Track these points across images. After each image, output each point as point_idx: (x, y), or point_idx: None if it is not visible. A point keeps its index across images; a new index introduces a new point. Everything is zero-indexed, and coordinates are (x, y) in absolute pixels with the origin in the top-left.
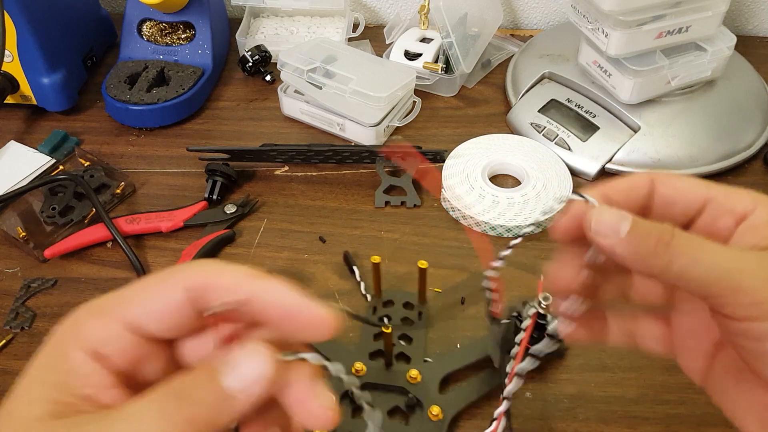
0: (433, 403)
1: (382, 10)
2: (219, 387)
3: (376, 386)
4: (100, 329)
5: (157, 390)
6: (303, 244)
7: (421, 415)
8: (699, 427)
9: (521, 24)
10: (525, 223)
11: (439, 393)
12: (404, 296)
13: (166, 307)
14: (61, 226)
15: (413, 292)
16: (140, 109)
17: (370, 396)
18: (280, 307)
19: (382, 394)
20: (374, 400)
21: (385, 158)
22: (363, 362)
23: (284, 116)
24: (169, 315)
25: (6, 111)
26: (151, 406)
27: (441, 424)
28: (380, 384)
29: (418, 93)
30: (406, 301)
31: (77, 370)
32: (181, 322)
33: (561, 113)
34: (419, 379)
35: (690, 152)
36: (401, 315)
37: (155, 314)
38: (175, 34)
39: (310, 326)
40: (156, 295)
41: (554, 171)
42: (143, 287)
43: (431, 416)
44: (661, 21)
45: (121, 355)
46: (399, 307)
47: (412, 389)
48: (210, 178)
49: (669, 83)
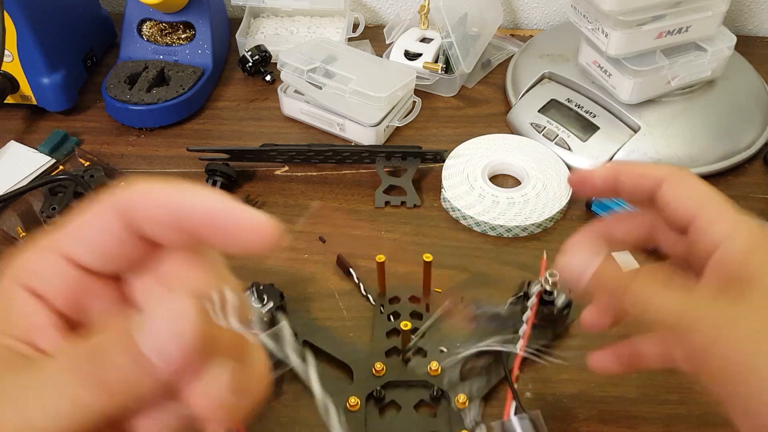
0: (458, 391)
1: (382, 10)
2: (135, 349)
3: (399, 383)
4: (39, 263)
5: (77, 345)
6: (303, 244)
7: (447, 405)
8: (699, 427)
9: (521, 24)
10: (525, 223)
11: (461, 381)
12: (409, 290)
13: (100, 234)
14: None
15: (418, 286)
16: (140, 109)
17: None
18: (210, 214)
19: (406, 391)
20: (398, 397)
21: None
22: (381, 362)
23: (284, 116)
24: (105, 243)
25: (6, 111)
26: (67, 363)
27: (468, 410)
28: (402, 381)
29: (418, 93)
30: (411, 295)
31: (18, 309)
32: (120, 251)
33: (561, 113)
34: (440, 371)
35: (690, 152)
36: (409, 310)
37: (91, 243)
38: (175, 34)
39: (245, 233)
40: (89, 222)
41: (554, 171)
42: (77, 217)
43: (458, 404)
44: (661, 21)
45: (62, 292)
46: (405, 301)
47: (434, 381)
48: (210, 178)
49: (669, 83)
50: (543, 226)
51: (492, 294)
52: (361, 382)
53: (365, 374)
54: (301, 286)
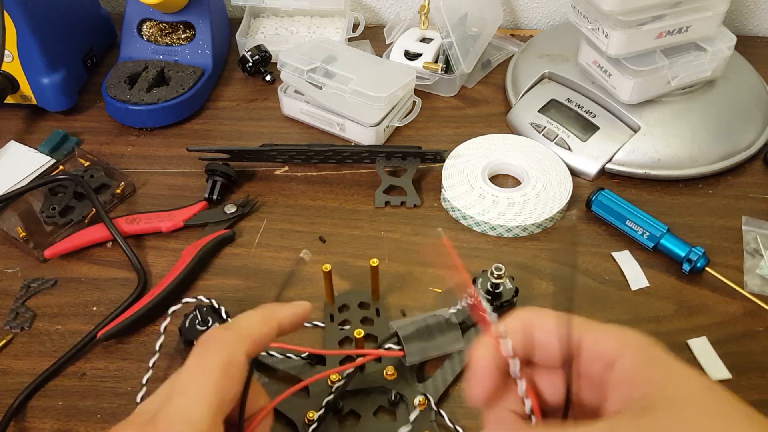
0: (416, 393)
1: (382, 10)
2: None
3: (356, 391)
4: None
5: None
6: (303, 244)
7: (406, 408)
8: None
9: (521, 24)
10: (525, 223)
11: (418, 382)
12: (357, 297)
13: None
14: (61, 226)
15: (366, 292)
16: (140, 109)
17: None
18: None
19: (364, 398)
20: (357, 405)
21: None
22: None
23: (284, 116)
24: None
25: (6, 111)
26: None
27: (428, 410)
28: (360, 388)
29: (418, 93)
30: (360, 302)
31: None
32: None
33: (561, 113)
34: (396, 374)
35: (690, 152)
36: (359, 316)
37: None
38: (175, 34)
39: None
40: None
41: (554, 171)
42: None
43: (417, 406)
44: (661, 21)
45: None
46: (355, 308)
47: (391, 385)
48: (210, 178)
49: (669, 83)
50: (543, 226)
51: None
52: (317, 395)
53: (321, 386)
54: (301, 287)
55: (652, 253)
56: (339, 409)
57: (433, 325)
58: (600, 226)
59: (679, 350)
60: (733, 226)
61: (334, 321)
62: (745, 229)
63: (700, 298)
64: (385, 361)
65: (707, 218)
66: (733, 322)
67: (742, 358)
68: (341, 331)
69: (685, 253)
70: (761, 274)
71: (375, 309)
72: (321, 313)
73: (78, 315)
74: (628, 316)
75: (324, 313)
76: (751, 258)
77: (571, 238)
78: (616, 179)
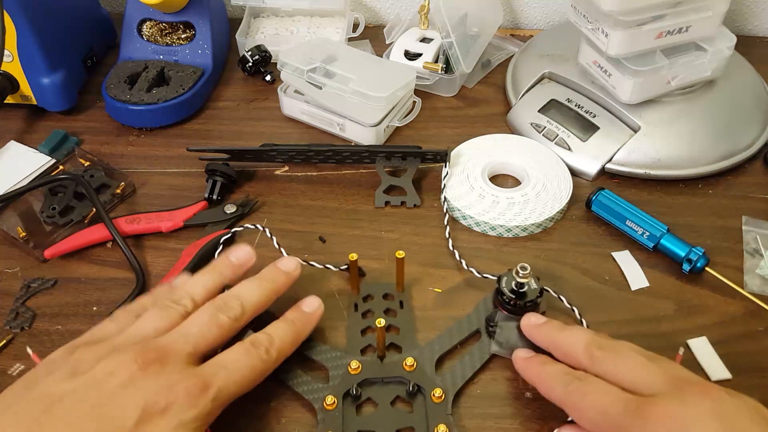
0: (434, 386)
1: (382, 10)
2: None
3: (374, 381)
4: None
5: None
6: (303, 244)
7: (423, 400)
8: None
9: (521, 24)
10: (525, 223)
11: (437, 375)
12: (382, 288)
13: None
14: (61, 226)
15: (391, 283)
16: (140, 109)
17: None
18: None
19: (382, 387)
20: (374, 394)
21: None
22: (357, 360)
23: (284, 116)
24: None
25: (6, 111)
26: None
27: (445, 404)
28: (378, 378)
29: (418, 93)
30: (385, 293)
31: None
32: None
33: (561, 113)
34: (415, 366)
35: (690, 152)
36: (383, 307)
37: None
38: (175, 34)
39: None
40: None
41: (554, 171)
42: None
43: (434, 399)
44: (661, 21)
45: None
46: (379, 299)
47: (410, 377)
48: (210, 178)
49: (669, 83)
50: (543, 226)
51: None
52: (337, 381)
53: (341, 373)
54: (300, 287)
55: (652, 253)
56: (357, 396)
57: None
58: (600, 226)
59: (679, 350)
60: (733, 226)
61: (357, 310)
62: (745, 229)
63: (700, 298)
64: (405, 353)
65: (707, 218)
66: (733, 322)
67: (742, 358)
68: (364, 320)
69: (685, 253)
70: (761, 274)
71: (399, 301)
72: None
73: (78, 315)
74: (628, 316)
75: (350, 302)
76: (751, 258)
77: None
78: (616, 179)
